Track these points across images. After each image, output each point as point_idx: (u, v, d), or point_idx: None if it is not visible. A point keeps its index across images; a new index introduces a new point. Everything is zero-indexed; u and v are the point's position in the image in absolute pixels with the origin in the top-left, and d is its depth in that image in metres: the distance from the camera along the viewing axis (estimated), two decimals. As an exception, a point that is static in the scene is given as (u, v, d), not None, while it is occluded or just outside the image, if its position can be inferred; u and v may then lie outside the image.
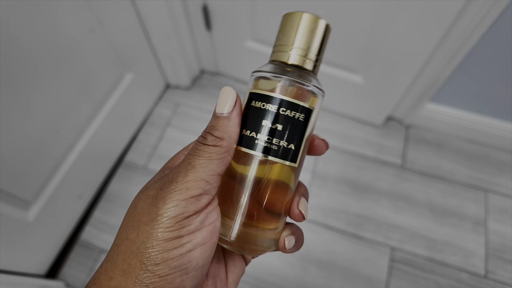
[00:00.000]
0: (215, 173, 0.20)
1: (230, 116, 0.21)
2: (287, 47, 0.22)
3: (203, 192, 0.19)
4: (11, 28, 0.49)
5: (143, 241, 0.18)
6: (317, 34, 0.22)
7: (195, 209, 0.19)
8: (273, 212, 0.22)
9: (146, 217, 0.18)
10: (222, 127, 0.20)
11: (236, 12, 0.81)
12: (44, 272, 0.76)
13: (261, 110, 0.21)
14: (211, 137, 0.20)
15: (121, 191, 0.88)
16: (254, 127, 0.21)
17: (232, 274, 0.24)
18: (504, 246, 0.81)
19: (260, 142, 0.21)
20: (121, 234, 0.19)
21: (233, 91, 0.21)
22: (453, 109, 0.90)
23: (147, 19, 0.80)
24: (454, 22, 0.65)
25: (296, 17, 0.22)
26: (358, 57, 0.80)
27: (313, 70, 0.22)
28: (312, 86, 0.22)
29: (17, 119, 0.56)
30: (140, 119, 0.97)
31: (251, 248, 0.22)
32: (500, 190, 0.88)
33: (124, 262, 0.18)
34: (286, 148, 0.21)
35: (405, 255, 0.80)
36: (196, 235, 0.19)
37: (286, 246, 0.23)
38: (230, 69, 1.05)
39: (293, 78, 0.21)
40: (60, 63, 0.61)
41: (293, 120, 0.21)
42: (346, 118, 1.00)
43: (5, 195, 0.59)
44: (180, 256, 0.18)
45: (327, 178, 0.90)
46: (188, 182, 0.19)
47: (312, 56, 0.22)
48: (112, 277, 0.18)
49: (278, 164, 0.21)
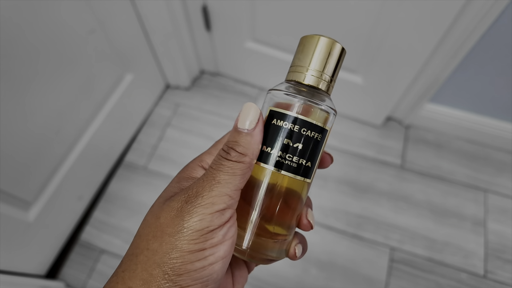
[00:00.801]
0: (238, 188, 0.20)
1: (253, 133, 0.21)
2: (304, 68, 0.23)
3: (227, 207, 0.20)
4: (11, 28, 0.49)
5: (166, 252, 0.18)
6: (332, 57, 0.23)
7: (219, 223, 0.19)
8: (285, 223, 0.23)
9: (170, 229, 0.19)
10: (245, 143, 0.21)
11: (236, 13, 0.81)
12: (44, 273, 0.76)
13: (281, 128, 0.22)
14: (235, 152, 0.21)
15: (121, 192, 0.88)
16: (272, 144, 0.22)
17: (238, 284, 0.25)
18: (504, 246, 0.81)
19: (278, 158, 0.22)
20: (139, 243, 0.19)
21: (256, 107, 0.21)
22: (452, 109, 0.91)
23: (147, 19, 0.80)
24: (453, 22, 0.65)
25: (314, 40, 0.23)
26: (358, 57, 0.80)
27: (327, 90, 0.24)
28: (325, 106, 0.23)
29: (17, 120, 0.56)
30: (140, 120, 0.97)
31: (263, 257, 0.23)
32: (500, 190, 0.89)
33: (144, 272, 0.18)
34: (302, 165, 0.22)
35: (405, 255, 0.80)
36: (218, 248, 0.19)
37: (297, 254, 0.24)
38: (230, 69, 1.05)
39: (309, 98, 0.22)
40: (61, 63, 0.61)
41: (310, 139, 0.22)
42: (346, 119, 1.00)
43: (6, 195, 0.59)
44: (203, 269, 0.18)
45: (327, 178, 0.90)
46: (214, 197, 0.19)
47: (326, 78, 0.23)
48: (131, 287, 0.18)
49: (292, 179, 0.22)
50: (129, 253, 0.19)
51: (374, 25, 0.70)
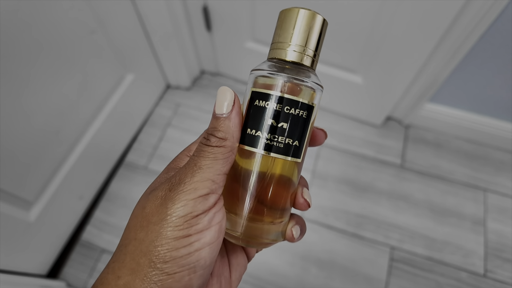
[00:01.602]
0: (221, 173, 0.20)
1: (230, 116, 0.21)
2: (285, 44, 0.22)
3: (210, 192, 0.20)
4: (12, 28, 0.49)
5: (152, 240, 0.18)
6: (314, 30, 0.22)
7: (203, 208, 0.19)
8: (278, 206, 0.23)
9: (155, 217, 0.19)
10: (223, 128, 0.21)
11: (236, 13, 0.81)
12: (45, 272, 0.77)
13: (264, 108, 0.21)
14: (214, 138, 0.21)
15: (122, 191, 0.88)
16: (258, 126, 0.21)
17: (235, 271, 0.25)
18: (503, 245, 0.81)
19: (265, 140, 0.21)
20: (128, 234, 0.20)
21: (230, 90, 0.21)
22: (452, 109, 0.91)
23: (148, 20, 0.80)
24: (453, 22, 0.65)
25: (293, 13, 0.22)
26: (357, 57, 0.80)
27: (311, 66, 0.23)
28: (311, 82, 0.22)
29: (18, 119, 0.56)
30: (141, 120, 0.98)
31: (259, 242, 0.22)
32: (499, 190, 0.89)
33: (132, 261, 0.18)
34: (290, 145, 0.22)
35: (404, 254, 0.80)
36: (204, 234, 0.19)
37: (294, 235, 0.24)
38: (230, 69, 1.05)
39: (293, 75, 0.21)
40: (61, 64, 0.61)
41: (297, 118, 0.21)
42: (346, 118, 1.00)
43: (7, 195, 0.59)
44: (189, 255, 0.18)
45: (327, 178, 0.90)
46: (196, 183, 0.19)
47: (310, 52, 0.22)
48: (120, 276, 0.18)
49: (281, 160, 0.22)
50: (119, 245, 0.20)
51: (374, 25, 0.70)
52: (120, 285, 0.18)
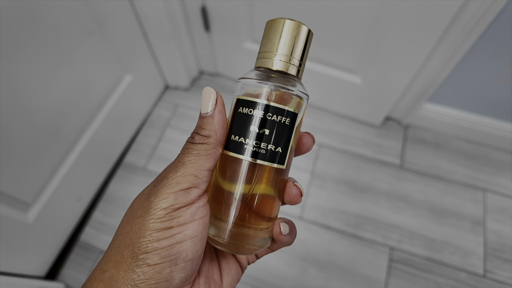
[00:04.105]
0: (204, 168, 0.21)
1: (213, 114, 0.22)
2: (271, 54, 0.23)
3: (192, 186, 0.20)
4: (12, 29, 0.49)
5: (135, 232, 0.19)
6: (300, 40, 0.23)
7: (185, 201, 0.20)
8: (264, 212, 0.23)
9: (139, 211, 0.20)
10: (207, 126, 0.22)
11: (234, 13, 0.81)
12: (43, 274, 0.76)
13: (248, 116, 0.22)
14: (198, 136, 0.22)
15: (121, 192, 0.88)
16: (241, 132, 0.22)
17: (227, 276, 0.25)
18: (503, 246, 0.81)
19: (249, 147, 0.22)
20: (117, 231, 0.20)
21: (213, 90, 0.22)
22: (451, 109, 0.91)
23: (146, 20, 0.80)
24: (452, 22, 0.65)
25: (279, 24, 0.22)
26: (356, 57, 0.80)
27: (297, 75, 0.23)
28: (296, 90, 0.22)
29: (16, 120, 0.56)
30: (140, 120, 0.97)
31: (244, 248, 0.22)
32: (499, 190, 0.89)
33: (117, 254, 0.19)
34: (273, 151, 0.22)
35: (404, 255, 0.80)
36: (186, 227, 0.19)
37: (283, 231, 0.23)
38: (228, 70, 1.05)
39: (278, 83, 0.22)
40: (60, 64, 0.61)
41: (279, 125, 0.22)
42: (345, 119, 1.00)
43: (5, 196, 0.59)
44: (170, 246, 0.19)
45: (326, 178, 0.90)
46: (178, 177, 0.20)
47: (295, 62, 0.23)
48: (105, 270, 0.19)
49: (266, 166, 0.22)
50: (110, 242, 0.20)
51: (373, 25, 0.70)
52: (105, 278, 0.18)
